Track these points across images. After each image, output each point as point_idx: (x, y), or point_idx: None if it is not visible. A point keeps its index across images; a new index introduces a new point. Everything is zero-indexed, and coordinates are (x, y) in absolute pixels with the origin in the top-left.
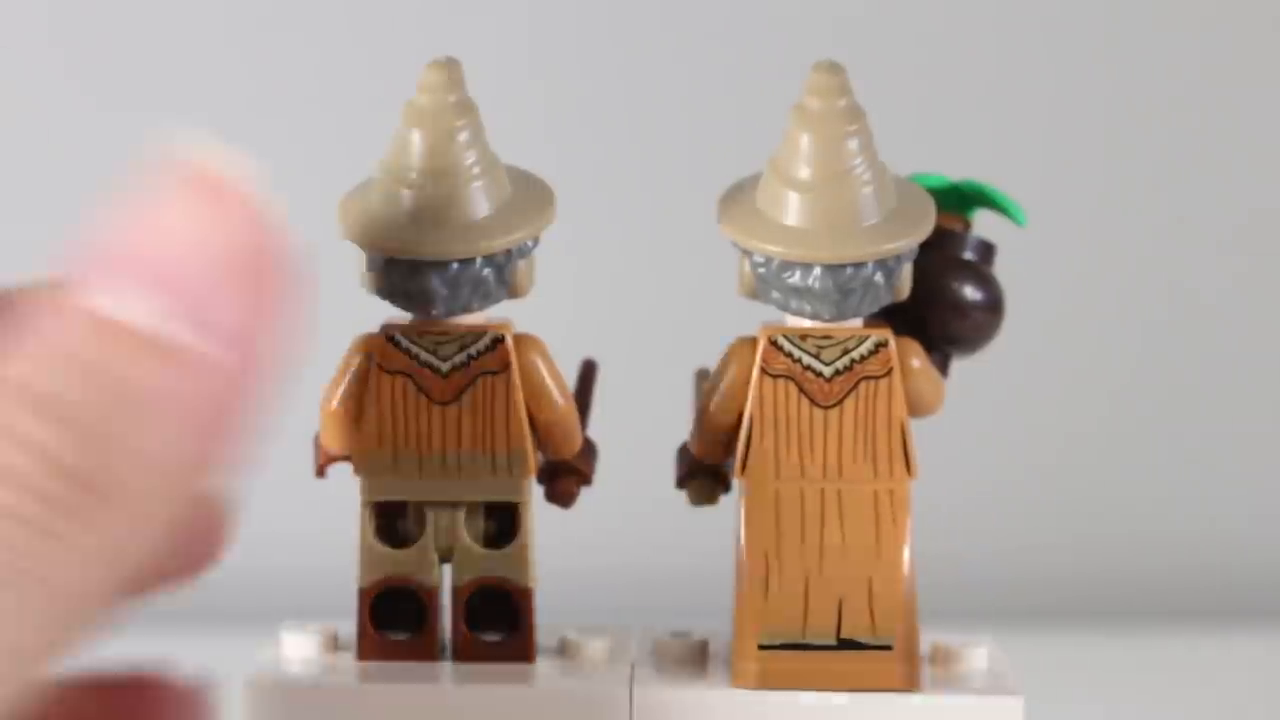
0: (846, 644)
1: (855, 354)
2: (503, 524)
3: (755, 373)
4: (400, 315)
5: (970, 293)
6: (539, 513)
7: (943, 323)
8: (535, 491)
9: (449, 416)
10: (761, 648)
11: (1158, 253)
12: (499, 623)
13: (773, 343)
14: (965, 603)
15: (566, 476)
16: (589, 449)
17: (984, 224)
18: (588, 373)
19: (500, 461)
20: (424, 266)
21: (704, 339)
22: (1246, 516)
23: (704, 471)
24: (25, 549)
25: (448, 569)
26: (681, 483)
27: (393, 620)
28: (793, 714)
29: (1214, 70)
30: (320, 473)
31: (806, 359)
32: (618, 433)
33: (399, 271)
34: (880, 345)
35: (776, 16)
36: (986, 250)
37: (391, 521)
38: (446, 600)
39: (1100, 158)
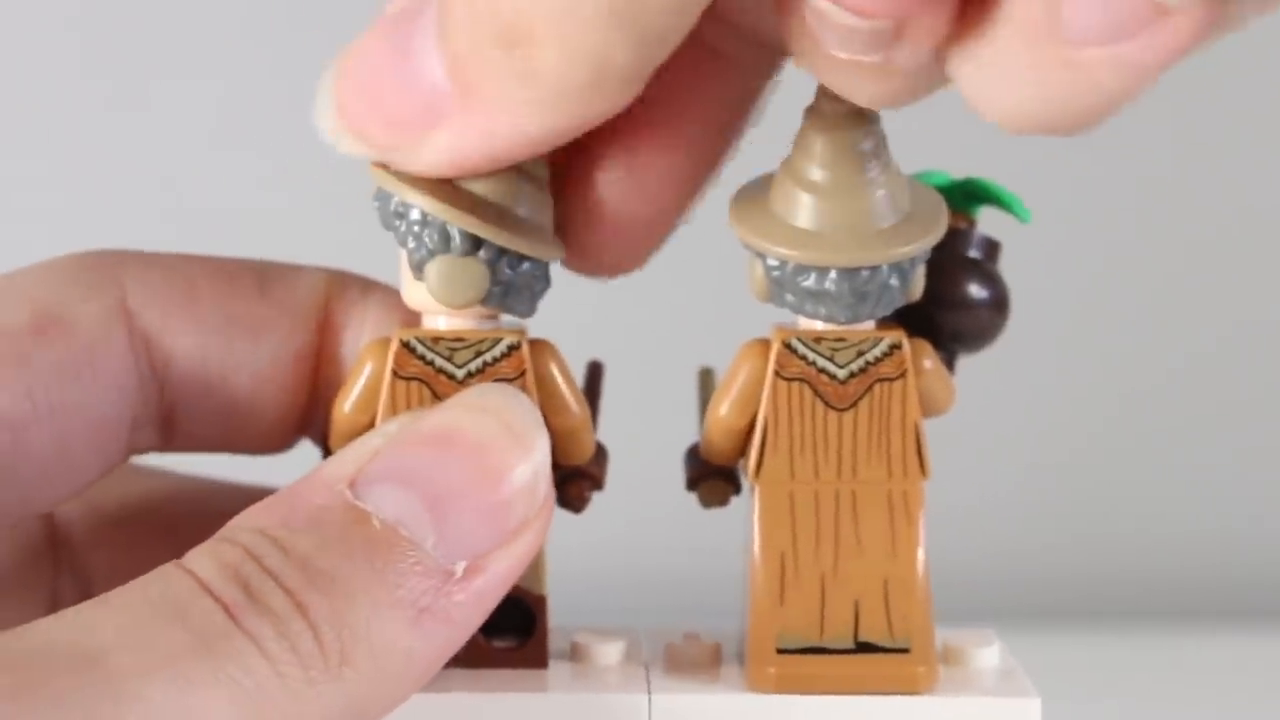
0: (864, 647)
1: (869, 356)
2: None
3: (769, 376)
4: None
5: (976, 290)
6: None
7: (948, 321)
8: None
9: None
10: (780, 651)
11: (1161, 250)
12: (512, 630)
13: (787, 346)
14: (971, 603)
15: (578, 481)
16: (600, 453)
17: (987, 221)
18: (594, 374)
19: None
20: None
21: (713, 341)
22: (1247, 516)
23: (715, 473)
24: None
25: None
26: (692, 485)
27: None
28: (812, 717)
29: (1220, 65)
30: None
31: (821, 362)
32: (628, 436)
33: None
34: (894, 347)
35: None
36: (991, 248)
37: None
38: None
39: (1103, 153)
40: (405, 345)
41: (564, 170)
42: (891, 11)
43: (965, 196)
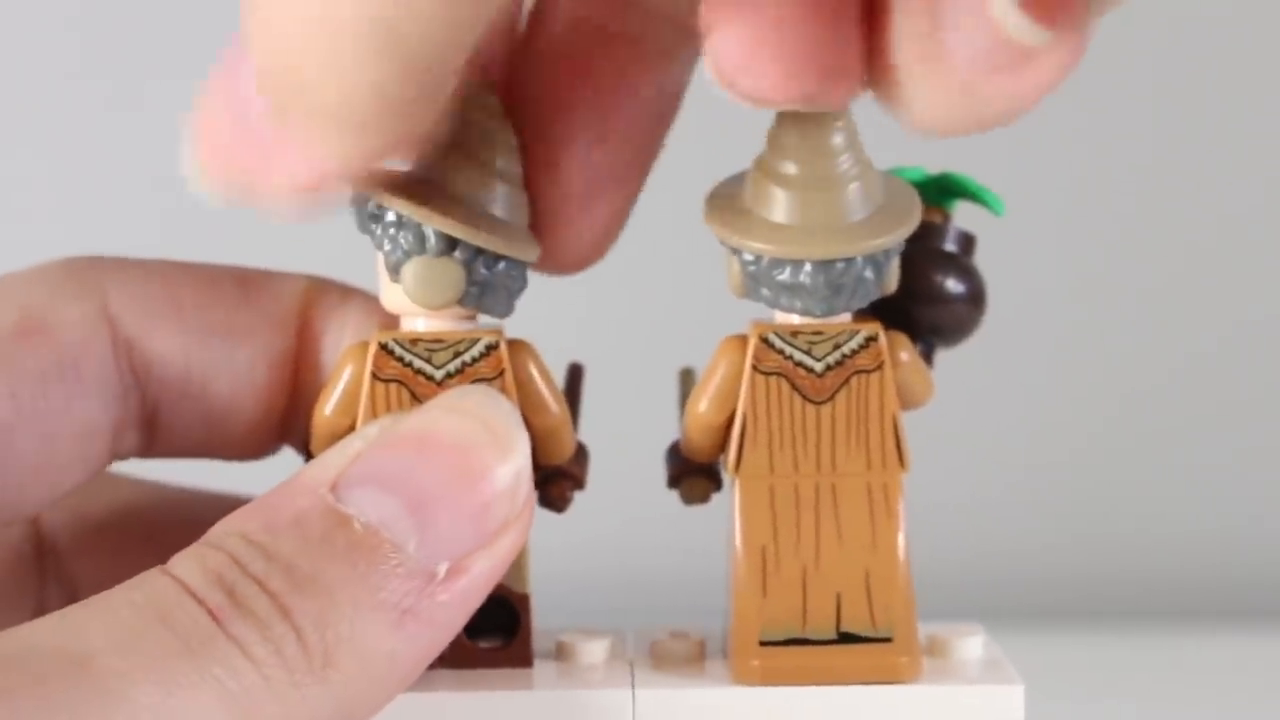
0: (847, 637)
1: (846, 349)
2: None
3: (747, 370)
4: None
5: (953, 285)
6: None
7: (926, 315)
8: None
9: None
10: (763, 644)
11: (1161, 249)
12: (496, 630)
13: (764, 340)
14: (969, 603)
15: (559, 481)
16: (581, 453)
17: (962, 215)
18: (575, 376)
19: None
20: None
21: (692, 338)
22: (1246, 516)
23: (696, 470)
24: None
25: None
26: (673, 482)
27: None
28: (796, 708)
29: (1196, 56)
30: None
31: (798, 355)
32: (608, 435)
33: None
34: (871, 339)
35: None
36: (967, 242)
37: None
38: None
39: (1105, 151)
40: (384, 347)
41: None
42: (795, 102)
43: (939, 191)
